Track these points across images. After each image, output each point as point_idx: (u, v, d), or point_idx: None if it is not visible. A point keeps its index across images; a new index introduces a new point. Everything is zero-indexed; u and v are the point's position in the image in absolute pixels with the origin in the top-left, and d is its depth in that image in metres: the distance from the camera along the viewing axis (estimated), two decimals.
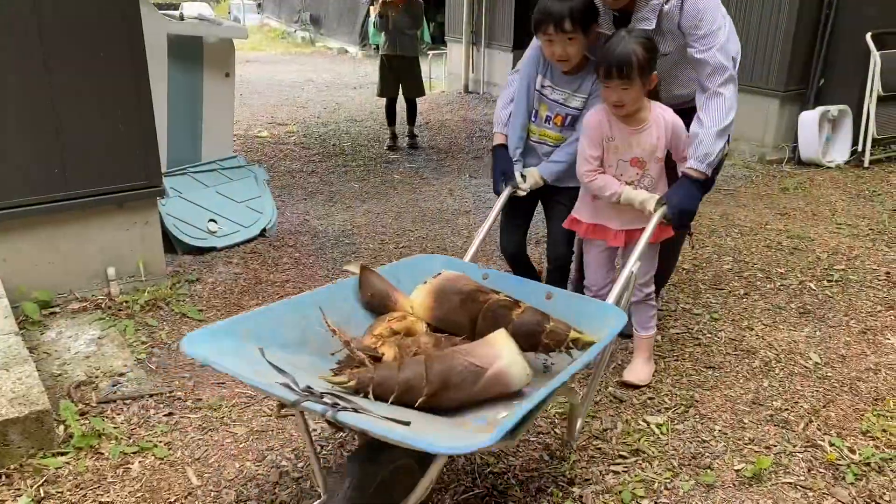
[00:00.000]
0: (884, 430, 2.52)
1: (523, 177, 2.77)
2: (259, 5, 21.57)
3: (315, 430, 2.52)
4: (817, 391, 2.78)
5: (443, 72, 10.53)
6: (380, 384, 1.74)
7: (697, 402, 2.71)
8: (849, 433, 2.53)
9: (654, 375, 2.86)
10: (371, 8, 6.74)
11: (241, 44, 14.40)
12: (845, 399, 2.73)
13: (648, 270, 2.73)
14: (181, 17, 4.35)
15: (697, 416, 2.63)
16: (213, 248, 4.10)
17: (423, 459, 1.74)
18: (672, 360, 3.00)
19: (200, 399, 2.71)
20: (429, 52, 11.09)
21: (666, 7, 2.47)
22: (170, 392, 2.75)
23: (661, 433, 2.53)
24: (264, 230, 4.36)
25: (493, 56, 9.45)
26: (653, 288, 2.80)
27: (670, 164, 2.64)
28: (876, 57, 5.82)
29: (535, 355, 2.05)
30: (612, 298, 2.27)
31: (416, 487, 1.71)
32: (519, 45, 9.13)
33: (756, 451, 2.43)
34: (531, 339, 1.99)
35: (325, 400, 1.61)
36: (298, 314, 2.02)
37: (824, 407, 2.68)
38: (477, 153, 6.68)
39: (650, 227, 2.41)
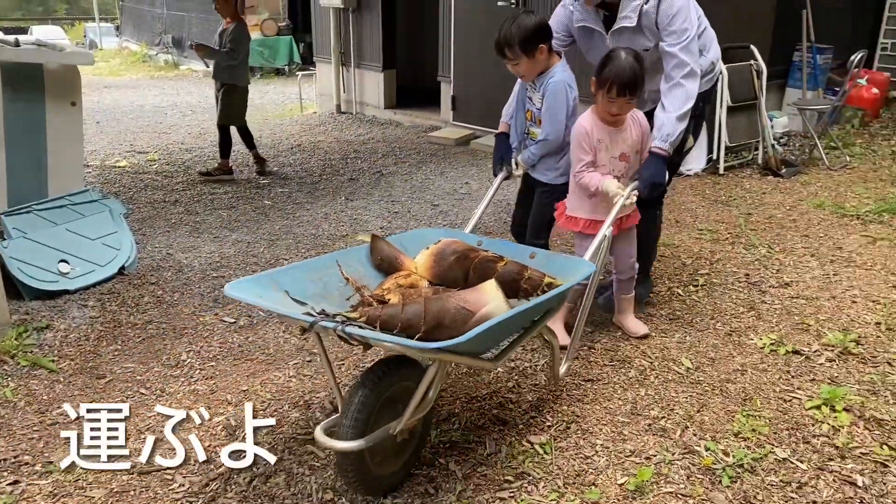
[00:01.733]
0: (753, 430, 2.62)
1: (517, 164, 3.24)
2: (117, 28, 20.57)
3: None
4: (691, 396, 2.86)
5: (313, 92, 10.35)
6: (386, 320, 2.12)
7: (578, 417, 2.72)
8: (722, 436, 2.60)
9: (535, 394, 2.87)
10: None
11: (98, 69, 13.67)
12: (717, 402, 2.82)
13: (632, 253, 3.25)
14: (16, 43, 4.01)
15: (579, 432, 2.63)
16: (65, 291, 3.78)
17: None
18: None
19: (51, 462, 2.46)
20: (298, 72, 10.90)
21: (645, 6, 2.95)
22: (15, 457, 2.48)
23: (545, 453, 2.51)
24: (123, 268, 4.07)
25: (363, 76, 9.37)
26: (637, 266, 3.33)
27: None
28: (723, 70, 6.18)
29: (518, 300, 2.42)
30: (588, 255, 2.74)
31: (414, 394, 2.13)
32: (389, 65, 9.10)
33: (637, 463, 2.45)
34: (513, 285, 2.44)
35: (336, 319, 2.09)
36: (319, 272, 2.49)
37: (698, 412, 2.75)
38: (352, 174, 6.56)
39: (626, 194, 2.85)
